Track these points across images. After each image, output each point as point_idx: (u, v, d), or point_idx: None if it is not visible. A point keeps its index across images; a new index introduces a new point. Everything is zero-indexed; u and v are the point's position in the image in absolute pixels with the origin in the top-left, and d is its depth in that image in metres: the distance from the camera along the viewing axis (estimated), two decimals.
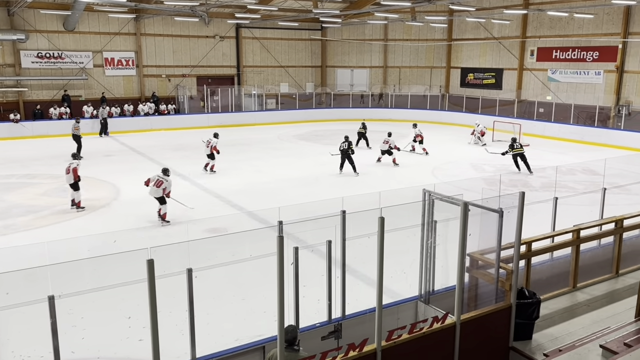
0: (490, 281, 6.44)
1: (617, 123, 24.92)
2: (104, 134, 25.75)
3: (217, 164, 17.65)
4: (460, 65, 32.99)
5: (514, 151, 18.13)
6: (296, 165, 19.09)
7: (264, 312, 7.04)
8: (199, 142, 18.45)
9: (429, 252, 6.63)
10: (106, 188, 15.59)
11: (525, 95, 29.30)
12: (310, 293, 6.56)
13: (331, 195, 13.03)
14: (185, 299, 5.31)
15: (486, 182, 14.46)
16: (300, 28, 33.72)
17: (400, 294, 7.18)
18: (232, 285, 8.19)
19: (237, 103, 31.76)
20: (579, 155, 21.03)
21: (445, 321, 5.70)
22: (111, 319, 7.36)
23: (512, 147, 18.17)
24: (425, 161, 19.98)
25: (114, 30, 28.79)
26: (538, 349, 6.10)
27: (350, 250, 6.45)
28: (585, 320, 6.76)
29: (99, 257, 5.30)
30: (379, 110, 32.91)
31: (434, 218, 6.54)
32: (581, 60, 26.70)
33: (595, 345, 5.48)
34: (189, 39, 31.05)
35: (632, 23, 24.39)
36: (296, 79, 34.78)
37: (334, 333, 6.23)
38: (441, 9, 31.51)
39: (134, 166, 18.71)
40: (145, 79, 30.17)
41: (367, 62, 34.98)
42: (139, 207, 13.52)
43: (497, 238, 6.20)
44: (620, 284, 8.00)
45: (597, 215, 9.13)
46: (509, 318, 6.15)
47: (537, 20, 28.23)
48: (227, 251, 6.67)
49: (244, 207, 13.63)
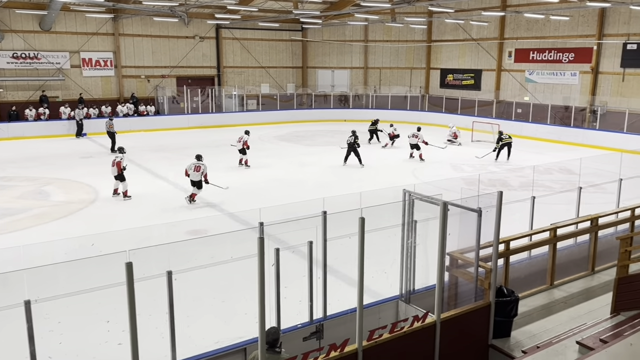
0: (470, 280, 6.52)
1: (592, 123, 25.39)
2: (81, 135, 25.38)
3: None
4: (440, 66, 33.28)
5: (503, 142, 20.23)
6: (278, 166, 19.05)
7: (245, 313, 7.00)
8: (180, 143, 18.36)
9: (410, 251, 6.69)
10: (84, 190, 15.37)
11: (503, 96, 29.68)
12: (292, 294, 6.56)
13: (312, 196, 13.03)
14: (166, 302, 5.26)
15: (465, 182, 14.62)
16: (280, 29, 33.67)
17: (381, 293, 7.21)
18: (213, 287, 8.14)
19: (217, 104, 31.59)
20: (556, 154, 21.37)
21: (426, 320, 5.75)
22: (89, 323, 7.25)
23: (501, 138, 20.24)
24: (405, 162, 20.11)
25: (91, 30, 28.40)
26: (516, 346, 6.19)
27: (331, 251, 6.47)
28: (562, 317, 6.88)
29: (76, 260, 5.22)
30: (360, 111, 33.02)
31: (414, 218, 6.60)
32: (557, 62, 27.16)
33: (571, 342, 5.59)
34: (169, 39, 30.77)
35: (607, 25, 24.89)
36: (277, 79, 34.72)
37: (315, 334, 6.24)
38: (420, 11, 31.75)
39: None
40: (124, 79, 29.82)
41: (348, 63, 35.09)
42: (118, 210, 13.37)
43: (476, 237, 6.28)
44: (595, 281, 8.17)
45: (573, 213, 9.30)
46: (488, 316, 6.24)
47: (515, 22, 28.64)
48: (207, 253, 6.62)
49: (225, 208, 13.56)
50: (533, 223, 8.74)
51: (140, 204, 13.99)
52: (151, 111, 29.31)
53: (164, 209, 13.38)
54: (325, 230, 6.43)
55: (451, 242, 6.33)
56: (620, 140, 22.06)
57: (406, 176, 17.30)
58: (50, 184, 16.14)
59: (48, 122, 25.99)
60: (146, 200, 14.36)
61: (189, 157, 20.14)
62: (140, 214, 12.99)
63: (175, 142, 24.19)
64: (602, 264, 8.58)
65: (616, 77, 24.85)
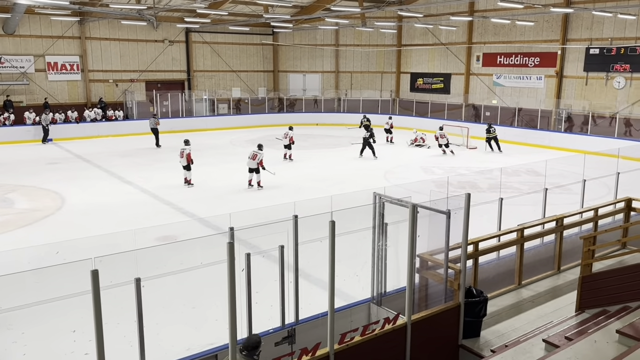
0: (440, 281, 6.60)
1: (557, 126, 26.04)
2: (47, 141, 24.79)
3: (178, 169, 17.27)
4: (410, 70, 33.67)
5: (490, 135, 23.22)
6: None
7: (216, 320, 6.94)
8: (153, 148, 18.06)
9: (381, 254, 6.72)
10: (49, 197, 15.00)
11: (472, 99, 30.20)
12: (264, 299, 6.52)
13: (284, 200, 13.00)
14: (134, 310, 5.17)
15: (436, 184, 14.82)
16: (251, 32, 33.57)
17: (353, 296, 7.24)
18: (183, 293, 8.04)
19: (187, 108, 31.26)
20: (524, 157, 21.84)
21: (397, 322, 5.79)
22: (54, 333, 7.07)
23: (489, 131, 23.17)
24: (377, 164, 20.26)
25: (56, 34, 27.78)
26: (486, 346, 6.29)
27: (303, 255, 6.46)
28: (529, 316, 7.02)
29: (41, 269, 5.10)
30: (332, 114, 33.15)
31: (385, 220, 6.65)
32: (524, 66, 27.80)
33: (538, 340, 5.70)
34: (137, 43, 30.33)
35: (570, 30, 25.59)
36: (248, 83, 34.58)
37: (287, 338, 6.22)
38: (390, 15, 32.10)
39: (79, 174, 18.09)
40: (91, 83, 29.25)
41: (319, 67, 35.19)
42: (85, 217, 13.09)
43: (445, 239, 6.35)
44: (561, 279, 8.36)
45: (540, 214, 9.50)
46: (458, 317, 6.32)
47: (482, 27, 29.20)
48: (177, 259, 6.54)
49: (195, 213, 13.42)
50: (501, 224, 8.90)
51: (108, 210, 13.73)
52: (119, 116, 28.83)
53: (133, 215, 13.15)
54: (296, 234, 6.42)
55: (421, 244, 6.39)
56: (584, 142, 22.67)
57: (378, 179, 17.42)
58: (14, 190, 15.71)
59: (13, 128, 25.31)
60: (115, 206, 14.10)
61: (159, 163, 20.03)
62: (109, 220, 12.74)
63: (145, 147, 23.85)
64: (567, 263, 8.79)
65: (580, 80, 25.57)
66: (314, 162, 19.63)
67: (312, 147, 24.06)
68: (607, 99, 24.49)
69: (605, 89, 24.60)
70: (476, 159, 21.78)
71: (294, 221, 6.38)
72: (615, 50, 23.84)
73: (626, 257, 8.40)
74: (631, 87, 23.68)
